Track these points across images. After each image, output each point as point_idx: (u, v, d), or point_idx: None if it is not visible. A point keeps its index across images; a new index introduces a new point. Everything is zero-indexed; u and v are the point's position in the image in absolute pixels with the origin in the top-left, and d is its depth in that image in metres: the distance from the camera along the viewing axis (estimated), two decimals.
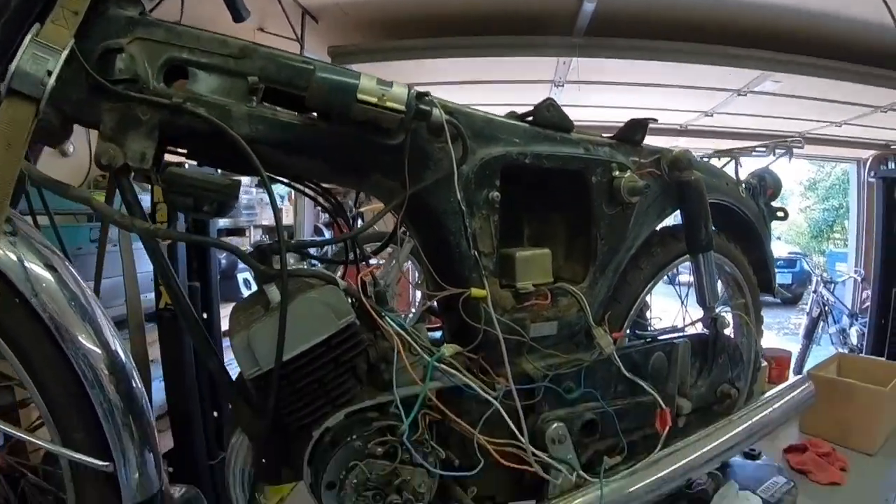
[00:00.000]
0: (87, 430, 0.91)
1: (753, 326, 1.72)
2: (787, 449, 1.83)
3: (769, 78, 3.22)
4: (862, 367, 2.07)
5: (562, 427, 1.17)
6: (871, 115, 4.00)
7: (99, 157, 0.87)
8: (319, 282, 0.97)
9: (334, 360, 0.97)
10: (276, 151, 0.99)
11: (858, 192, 6.17)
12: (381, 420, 0.99)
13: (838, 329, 5.98)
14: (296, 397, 0.96)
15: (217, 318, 2.36)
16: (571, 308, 1.24)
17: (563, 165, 1.21)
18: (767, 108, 3.93)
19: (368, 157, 1.03)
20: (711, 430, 1.38)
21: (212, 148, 0.98)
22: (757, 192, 1.73)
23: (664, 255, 1.42)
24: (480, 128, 1.13)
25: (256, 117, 0.95)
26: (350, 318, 0.96)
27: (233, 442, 1.02)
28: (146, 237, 0.95)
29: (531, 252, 1.23)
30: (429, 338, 1.08)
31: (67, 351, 0.88)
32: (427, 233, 1.13)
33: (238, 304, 1.06)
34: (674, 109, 4.12)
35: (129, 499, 0.93)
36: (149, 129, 0.89)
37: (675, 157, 1.34)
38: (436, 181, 1.06)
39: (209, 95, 0.93)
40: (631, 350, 1.32)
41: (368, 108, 0.91)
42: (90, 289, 0.97)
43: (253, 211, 3.73)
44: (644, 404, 1.31)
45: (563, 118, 1.23)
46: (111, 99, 0.88)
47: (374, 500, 0.95)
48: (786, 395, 1.57)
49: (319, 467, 0.97)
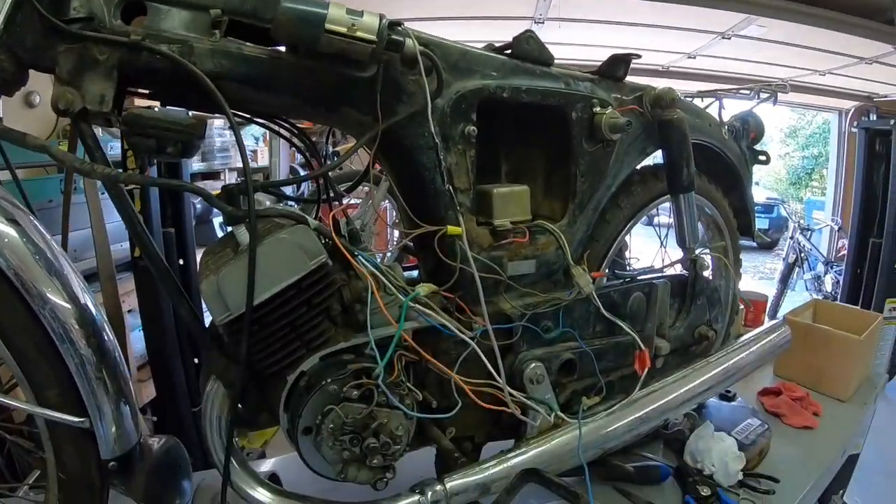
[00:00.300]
0: (60, 387, 0.89)
1: (732, 269, 1.72)
2: (762, 392, 1.86)
3: (754, 22, 3.19)
4: (837, 314, 2.09)
5: (540, 367, 1.17)
6: (855, 67, 4.00)
7: (56, 102, 0.83)
8: (289, 222, 0.94)
9: (307, 302, 0.94)
10: (242, 88, 0.94)
11: (839, 141, 6.22)
12: (357, 362, 0.98)
13: (813, 276, 6.10)
14: (269, 342, 0.94)
15: (193, 263, 2.35)
16: (550, 246, 1.22)
17: (543, 100, 1.18)
18: (751, 53, 3.90)
19: (339, 90, 0.98)
20: (689, 371, 1.39)
21: (175, 87, 0.93)
22: (740, 135, 1.71)
23: (644, 195, 1.40)
24: (456, 60, 1.08)
25: (220, 52, 0.90)
26: (322, 259, 0.93)
27: (208, 390, 1.00)
28: (108, 183, 0.91)
29: (509, 189, 1.21)
30: (404, 277, 1.06)
31: (35, 307, 0.86)
32: (401, 169, 1.09)
33: (208, 247, 1.03)
34: (656, 50, 4.07)
35: (108, 453, 0.92)
36: (107, 69, 0.85)
37: (657, 95, 1.30)
38: (410, 115, 1.02)
39: (169, 31, 0.89)
40: (610, 290, 1.31)
41: (337, 38, 0.86)
42: (58, 242, 0.94)
43: (227, 154, 3.67)
44: (622, 345, 1.31)
45: (543, 51, 1.19)
46: (66, 40, 0.83)
47: (351, 444, 0.94)
48: (762, 338, 1.58)
49: (295, 412, 0.96)
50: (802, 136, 15.97)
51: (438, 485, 1.04)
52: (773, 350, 1.58)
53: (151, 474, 0.99)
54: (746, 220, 1.75)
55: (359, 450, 0.94)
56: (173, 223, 2.32)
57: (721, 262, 1.70)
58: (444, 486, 1.04)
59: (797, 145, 16.10)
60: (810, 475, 1.44)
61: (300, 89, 0.98)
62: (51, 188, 2.21)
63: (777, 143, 15.80)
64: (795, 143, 16.12)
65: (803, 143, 15.92)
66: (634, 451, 1.42)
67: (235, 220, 0.92)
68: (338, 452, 0.94)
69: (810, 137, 15.69)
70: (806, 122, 15.70)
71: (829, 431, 1.67)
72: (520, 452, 1.14)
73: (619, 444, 1.25)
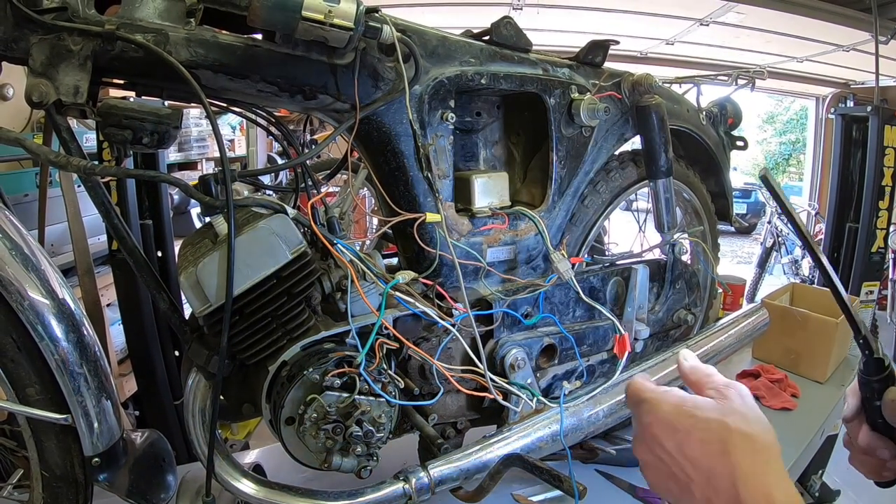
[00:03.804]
0: (41, 384, 0.89)
1: (710, 254, 1.74)
2: (741, 374, 1.88)
3: (733, 9, 3.20)
4: (814, 297, 2.12)
5: (521, 352, 1.18)
6: (832, 54, 4.04)
7: (30, 94, 0.82)
8: (268, 211, 0.94)
9: (287, 292, 0.94)
10: (218, 76, 0.93)
11: (816, 128, 6.29)
12: (338, 351, 0.98)
13: (791, 260, 6.16)
14: (249, 332, 0.93)
15: (172, 255, 2.33)
16: (529, 232, 1.22)
17: (521, 86, 1.18)
18: (729, 40, 3.91)
19: (316, 78, 0.98)
20: (668, 354, 1.40)
21: (151, 77, 0.92)
22: (717, 121, 1.72)
23: (623, 180, 1.40)
24: (434, 46, 1.08)
25: (196, 40, 0.89)
26: (301, 248, 0.93)
27: (190, 382, 1.00)
28: (84, 175, 0.89)
29: (488, 175, 1.21)
30: (384, 264, 1.06)
31: (12, 303, 0.85)
32: (379, 157, 1.09)
33: (186, 238, 1.02)
34: (634, 36, 4.08)
35: (91, 449, 0.92)
36: (81, 60, 0.84)
37: (636, 81, 1.31)
38: (388, 103, 1.01)
39: (144, 20, 0.87)
40: (589, 275, 1.32)
41: (314, 25, 0.85)
42: (35, 237, 0.92)
43: (204, 143, 3.63)
44: (602, 329, 1.32)
45: (521, 36, 1.19)
46: (39, 30, 0.82)
47: (334, 433, 0.94)
48: (741, 321, 1.59)
49: (277, 403, 0.95)
50: (780, 122, 16.14)
51: (422, 472, 1.04)
52: (752, 333, 1.59)
53: (135, 469, 0.99)
54: (724, 204, 1.76)
55: (342, 438, 0.94)
56: (151, 215, 2.29)
57: (699, 246, 1.71)
58: (428, 473, 1.04)
59: (775, 131, 16.27)
60: (789, 456, 1.47)
61: (277, 77, 0.97)
62: (26, 182, 2.18)
63: (754, 128, 15.96)
64: (773, 129, 16.28)
65: (781, 129, 16.09)
66: (616, 435, 1.44)
67: (213, 210, 0.91)
68: (321, 442, 0.94)
69: (788, 123, 15.86)
70: (783, 109, 15.87)
71: (807, 413, 1.70)
72: (502, 438, 1.14)
73: (601, 427, 1.26)
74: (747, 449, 0.62)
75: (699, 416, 0.66)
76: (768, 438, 0.64)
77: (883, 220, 3.57)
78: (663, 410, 0.69)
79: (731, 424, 0.64)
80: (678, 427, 0.67)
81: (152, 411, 2.43)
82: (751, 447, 0.62)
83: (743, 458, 0.61)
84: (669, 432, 0.67)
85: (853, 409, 0.87)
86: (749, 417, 0.65)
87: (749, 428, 0.64)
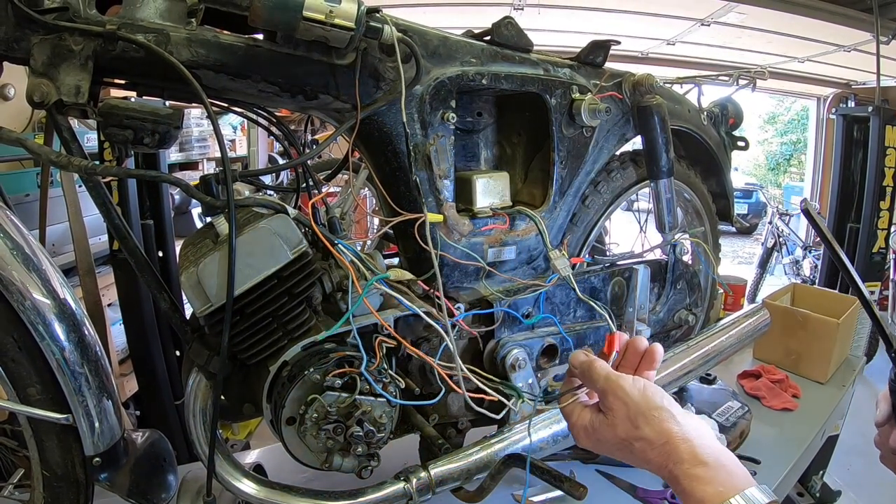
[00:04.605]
0: (42, 384, 0.88)
1: (711, 254, 1.74)
2: (742, 375, 1.88)
3: (734, 9, 3.19)
4: (815, 297, 2.11)
5: (521, 353, 1.17)
6: (833, 54, 4.03)
7: (31, 94, 0.82)
8: (269, 211, 0.94)
9: (288, 292, 0.94)
10: (219, 76, 0.93)
11: (817, 128, 6.28)
12: (339, 351, 0.97)
13: (792, 260, 6.16)
14: (250, 332, 0.93)
15: (172, 255, 2.33)
16: (530, 232, 1.22)
17: (522, 86, 1.18)
18: (730, 40, 3.91)
19: (317, 78, 0.98)
20: (669, 355, 1.40)
21: (152, 77, 0.92)
22: (718, 121, 1.72)
23: (624, 181, 1.41)
24: (435, 46, 1.08)
25: (197, 41, 0.89)
26: (302, 248, 0.92)
27: (191, 382, 0.99)
28: (85, 175, 0.89)
29: (489, 175, 1.21)
30: (384, 265, 1.06)
31: (14, 303, 0.84)
32: (380, 157, 1.09)
33: (187, 238, 1.02)
34: (635, 36, 4.07)
35: (92, 449, 0.91)
36: (82, 60, 0.84)
37: (637, 81, 1.31)
38: (388, 103, 1.01)
39: (145, 20, 0.87)
40: (590, 275, 1.32)
41: (315, 25, 0.85)
42: (36, 237, 0.92)
43: (205, 143, 3.63)
44: (603, 329, 1.32)
45: (522, 36, 1.19)
46: (40, 30, 0.82)
47: (334, 433, 0.93)
48: (742, 322, 1.59)
49: (278, 403, 0.95)
50: (781, 123, 16.12)
51: (423, 472, 1.04)
52: (753, 333, 1.59)
53: (136, 469, 0.99)
54: (725, 205, 1.77)
55: (343, 438, 0.94)
56: (152, 215, 2.29)
57: (700, 247, 1.71)
58: (429, 473, 1.04)
59: (776, 131, 16.25)
60: (790, 456, 1.46)
61: (278, 77, 0.97)
62: (27, 182, 2.18)
63: (755, 129, 15.95)
64: (774, 130, 16.27)
65: (782, 130, 16.07)
66: None
67: (214, 210, 0.91)
68: (322, 442, 0.94)
69: (789, 124, 15.84)
70: (784, 109, 15.85)
71: (808, 413, 1.70)
72: (503, 438, 1.14)
73: None
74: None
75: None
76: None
77: (884, 220, 3.58)
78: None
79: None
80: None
81: (153, 411, 2.43)
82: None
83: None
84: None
85: (885, 413, 0.91)
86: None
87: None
